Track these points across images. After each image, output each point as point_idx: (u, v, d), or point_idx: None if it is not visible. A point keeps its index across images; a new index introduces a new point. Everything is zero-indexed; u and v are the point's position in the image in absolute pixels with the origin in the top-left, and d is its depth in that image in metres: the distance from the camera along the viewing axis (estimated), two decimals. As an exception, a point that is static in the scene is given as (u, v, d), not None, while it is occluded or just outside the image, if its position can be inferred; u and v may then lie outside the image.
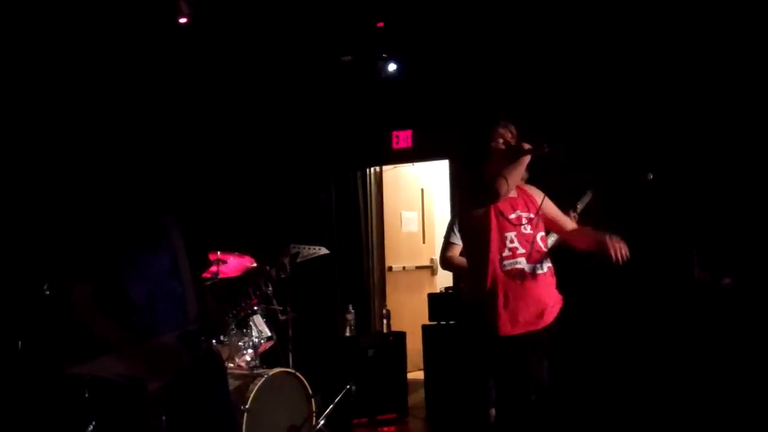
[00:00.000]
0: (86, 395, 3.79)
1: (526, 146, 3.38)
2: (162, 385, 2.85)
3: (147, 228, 2.98)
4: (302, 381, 4.99)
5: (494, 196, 3.31)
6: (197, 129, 7.14)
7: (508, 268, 3.39)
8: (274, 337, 5.34)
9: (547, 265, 3.49)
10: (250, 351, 5.10)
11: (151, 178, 3.01)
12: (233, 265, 5.42)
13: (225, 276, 5.29)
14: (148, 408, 2.83)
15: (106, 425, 2.99)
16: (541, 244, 3.50)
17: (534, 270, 3.41)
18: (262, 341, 5.21)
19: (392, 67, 6.71)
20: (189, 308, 2.97)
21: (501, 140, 3.48)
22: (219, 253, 5.21)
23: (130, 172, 3.00)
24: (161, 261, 2.96)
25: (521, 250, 3.40)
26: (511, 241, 3.41)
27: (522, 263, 3.40)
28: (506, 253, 3.39)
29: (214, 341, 3.32)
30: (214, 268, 5.15)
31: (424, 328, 6.35)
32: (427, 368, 6.29)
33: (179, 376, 2.88)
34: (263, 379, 4.72)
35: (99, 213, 2.98)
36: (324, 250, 5.11)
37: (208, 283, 5.00)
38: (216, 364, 3.10)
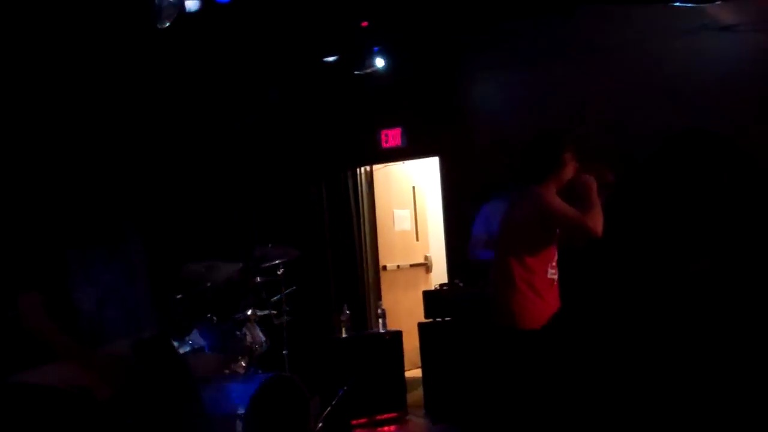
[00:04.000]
0: (31, 404, 3.67)
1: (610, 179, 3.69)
2: (113, 393, 2.77)
3: (100, 234, 2.91)
4: (299, 384, 4.97)
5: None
6: (184, 132, 7.11)
7: (550, 277, 3.90)
8: (269, 342, 5.32)
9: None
10: (245, 355, 5.07)
11: (110, 183, 2.94)
12: (225, 272, 5.38)
13: (215, 283, 5.25)
14: (98, 417, 2.75)
15: None
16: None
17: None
18: (257, 345, 5.18)
19: (379, 65, 6.68)
20: (144, 316, 2.91)
21: (591, 175, 3.80)
22: (209, 261, 5.16)
23: (86, 176, 2.93)
24: (115, 268, 2.90)
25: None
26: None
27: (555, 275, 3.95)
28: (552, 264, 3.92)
29: (181, 350, 3.25)
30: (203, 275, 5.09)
31: (420, 325, 6.34)
32: (425, 366, 6.27)
33: (133, 384, 2.81)
34: (259, 383, 4.70)
35: (49, 219, 2.91)
36: (293, 252, 5.12)
37: (198, 289, 4.98)
38: (181, 372, 3.01)
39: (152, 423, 2.87)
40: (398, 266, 7.94)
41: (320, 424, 5.13)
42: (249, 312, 5.22)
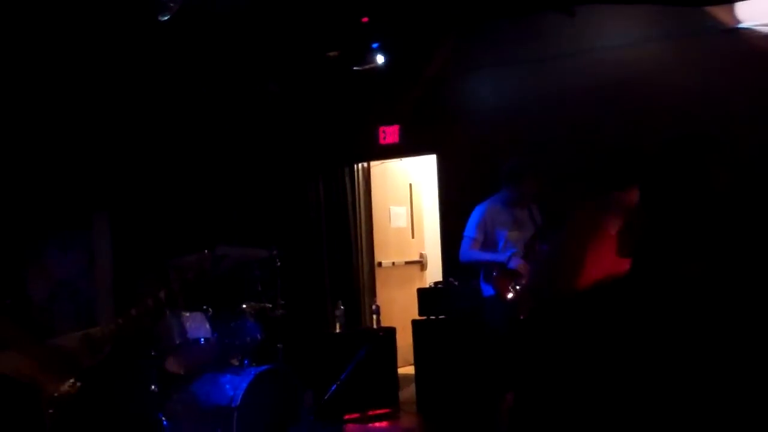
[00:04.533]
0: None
1: None
2: (61, 386, 2.71)
3: (61, 224, 2.82)
4: (293, 377, 4.98)
5: None
6: (182, 125, 7.11)
7: None
8: (264, 335, 5.33)
9: None
10: (239, 348, 5.08)
11: (82, 176, 2.86)
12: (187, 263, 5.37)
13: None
14: (43, 408, 2.69)
15: None
16: None
17: None
18: (251, 338, 5.19)
19: (379, 62, 6.69)
20: (99, 310, 2.84)
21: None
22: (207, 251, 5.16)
23: (55, 166, 2.84)
24: (72, 260, 2.83)
25: None
26: None
27: None
28: None
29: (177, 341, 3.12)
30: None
31: (414, 323, 6.36)
32: (418, 363, 6.29)
33: (82, 378, 2.74)
34: (253, 376, 4.71)
35: (10, 209, 2.84)
36: (263, 253, 5.06)
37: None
38: (131, 370, 2.94)
39: (96, 419, 2.82)
40: (393, 263, 7.95)
41: (312, 417, 5.13)
42: (244, 305, 5.24)
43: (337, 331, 6.33)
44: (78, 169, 2.85)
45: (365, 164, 7.70)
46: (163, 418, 4.53)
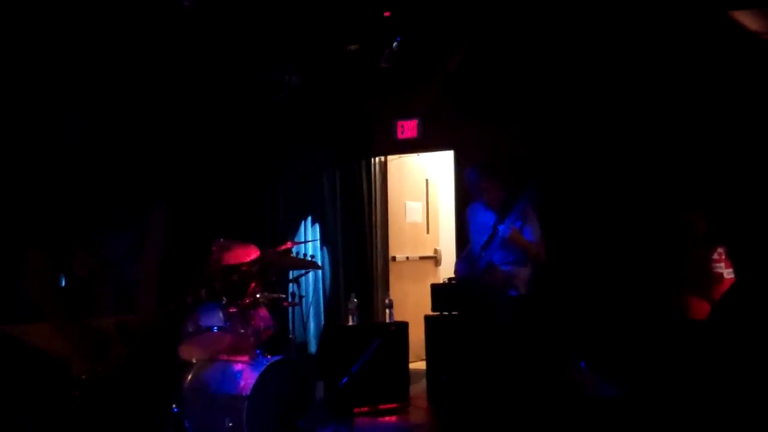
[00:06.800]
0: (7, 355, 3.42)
1: None
2: (90, 370, 2.70)
3: (113, 203, 2.77)
4: (304, 369, 4.99)
5: None
6: (204, 116, 7.12)
7: None
8: (277, 325, 5.35)
9: None
10: (251, 338, 5.10)
11: (138, 155, 2.84)
12: (237, 253, 5.40)
13: (227, 264, 5.27)
14: (70, 390, 2.68)
15: (22, 391, 2.84)
16: None
17: None
18: (264, 329, 5.20)
19: (399, 56, 6.67)
20: (140, 297, 2.78)
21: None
22: (222, 240, 5.19)
23: (113, 148, 2.83)
24: (119, 241, 2.77)
25: None
26: None
27: None
28: None
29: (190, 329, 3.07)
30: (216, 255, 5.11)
31: (427, 318, 6.35)
32: (429, 359, 6.29)
33: (112, 366, 2.72)
34: (264, 366, 4.73)
35: (64, 182, 2.80)
36: (310, 265, 5.09)
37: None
38: (151, 364, 2.92)
39: (120, 408, 2.81)
40: (407, 258, 7.95)
41: (323, 409, 5.14)
42: (258, 295, 5.25)
43: (350, 324, 6.33)
44: (139, 152, 2.83)
45: (382, 158, 7.69)
46: (174, 406, 4.56)
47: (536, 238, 5.12)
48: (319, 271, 7.32)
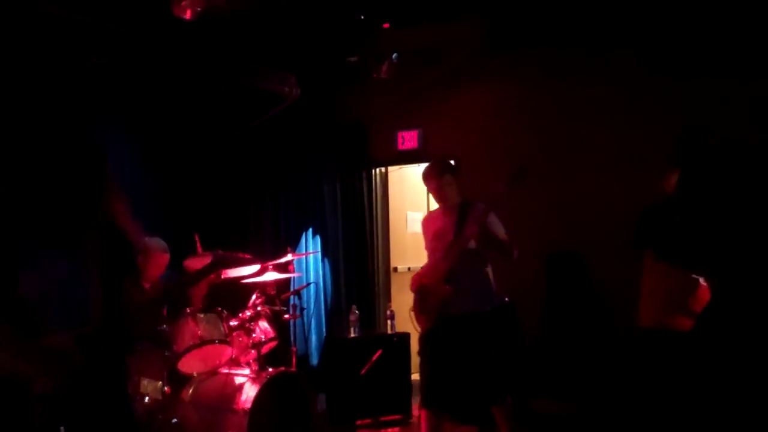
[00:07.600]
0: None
1: None
2: (53, 386, 2.68)
3: (57, 225, 2.76)
4: (305, 381, 4.97)
5: None
6: (205, 129, 7.15)
7: None
8: (278, 337, 5.33)
9: None
10: (252, 351, 5.09)
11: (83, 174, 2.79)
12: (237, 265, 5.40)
13: (228, 278, 5.27)
14: (33, 409, 2.65)
15: None
16: None
17: None
18: (265, 341, 5.19)
19: (398, 67, 6.68)
20: (91, 312, 2.76)
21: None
22: (221, 251, 5.18)
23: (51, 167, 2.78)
24: (65, 260, 2.76)
25: None
26: None
27: None
28: None
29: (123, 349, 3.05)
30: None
31: (428, 330, 6.32)
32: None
33: (72, 379, 2.71)
34: (266, 379, 4.71)
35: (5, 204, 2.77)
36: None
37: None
38: (116, 373, 2.90)
39: (85, 420, 2.79)
40: (409, 268, 7.92)
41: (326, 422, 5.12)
42: (259, 308, 5.25)
43: (352, 335, 6.31)
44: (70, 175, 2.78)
45: (383, 169, 7.69)
46: (174, 419, 4.55)
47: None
48: (321, 283, 7.33)
